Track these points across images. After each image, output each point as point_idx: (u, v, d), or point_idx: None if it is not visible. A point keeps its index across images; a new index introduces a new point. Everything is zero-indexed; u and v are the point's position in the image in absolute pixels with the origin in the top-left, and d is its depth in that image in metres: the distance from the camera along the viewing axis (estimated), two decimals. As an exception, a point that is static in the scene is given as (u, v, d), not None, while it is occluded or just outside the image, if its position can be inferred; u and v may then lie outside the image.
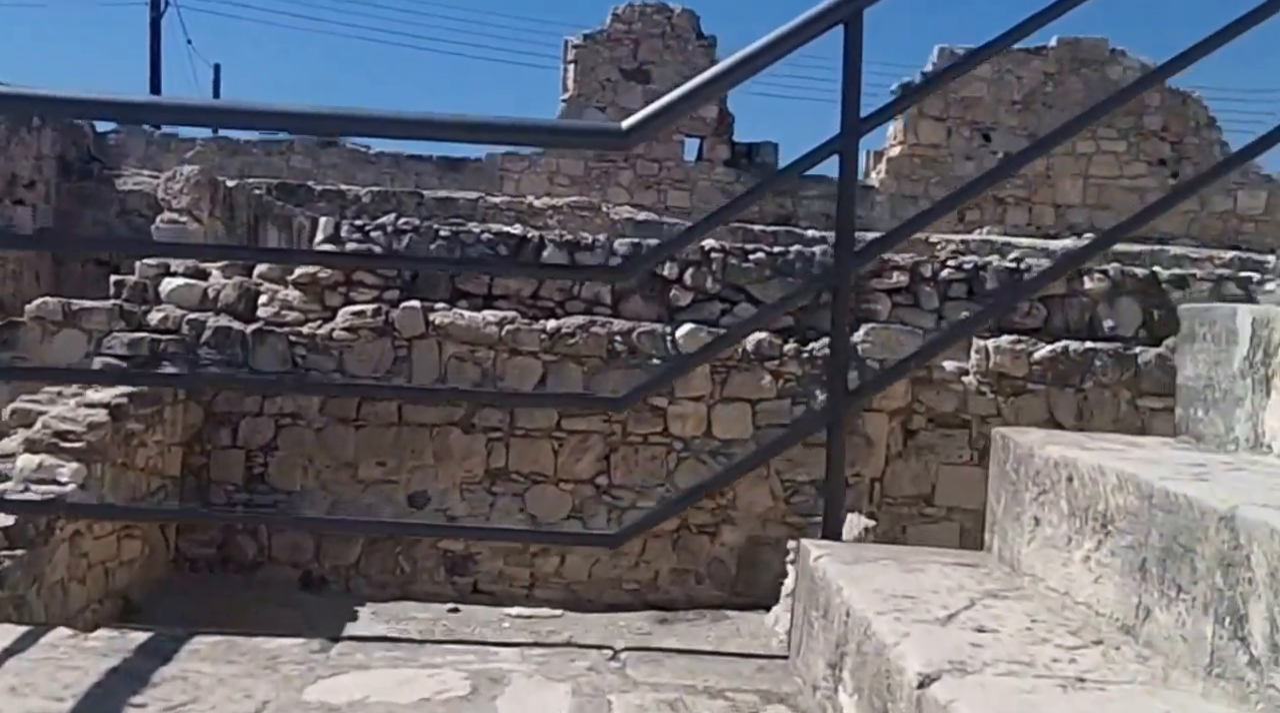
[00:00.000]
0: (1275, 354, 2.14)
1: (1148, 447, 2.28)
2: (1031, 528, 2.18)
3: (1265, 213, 22.51)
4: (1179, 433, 2.51)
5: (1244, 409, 2.24)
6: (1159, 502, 1.69)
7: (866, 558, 2.26)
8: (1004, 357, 10.05)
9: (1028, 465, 2.22)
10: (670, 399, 9.90)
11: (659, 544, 9.94)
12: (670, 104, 2.37)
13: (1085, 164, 21.99)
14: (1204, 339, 2.40)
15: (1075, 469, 2.01)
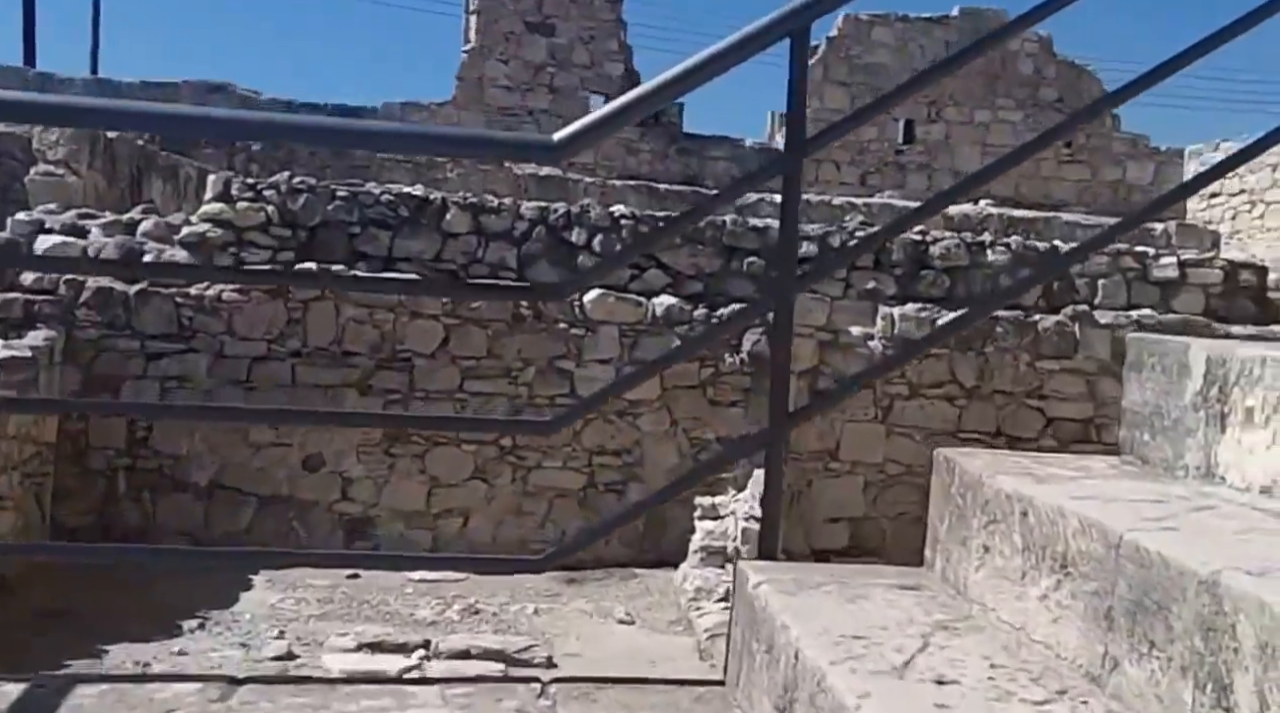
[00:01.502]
0: (1230, 392, 2.11)
1: (1098, 474, 2.25)
2: (980, 555, 2.13)
3: (1153, 183, 22.99)
4: (1123, 452, 2.49)
5: (1195, 440, 2.21)
6: (1127, 554, 1.65)
7: (807, 584, 2.20)
8: (909, 323, 10.21)
9: (976, 493, 2.18)
10: (578, 362, 9.82)
11: (565, 504, 9.89)
12: (605, 118, 2.28)
13: (984, 133, 22.28)
14: (1153, 368, 2.38)
15: (1032, 506, 1.96)
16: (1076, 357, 10.60)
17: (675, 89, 2.36)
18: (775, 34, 2.35)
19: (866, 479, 10.25)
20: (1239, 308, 11.35)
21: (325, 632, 7.31)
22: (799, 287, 2.49)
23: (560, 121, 21.07)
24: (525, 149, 2.51)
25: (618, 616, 8.32)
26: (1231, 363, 2.13)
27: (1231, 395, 2.12)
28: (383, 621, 7.72)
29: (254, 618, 7.60)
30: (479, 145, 2.44)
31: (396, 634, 7.22)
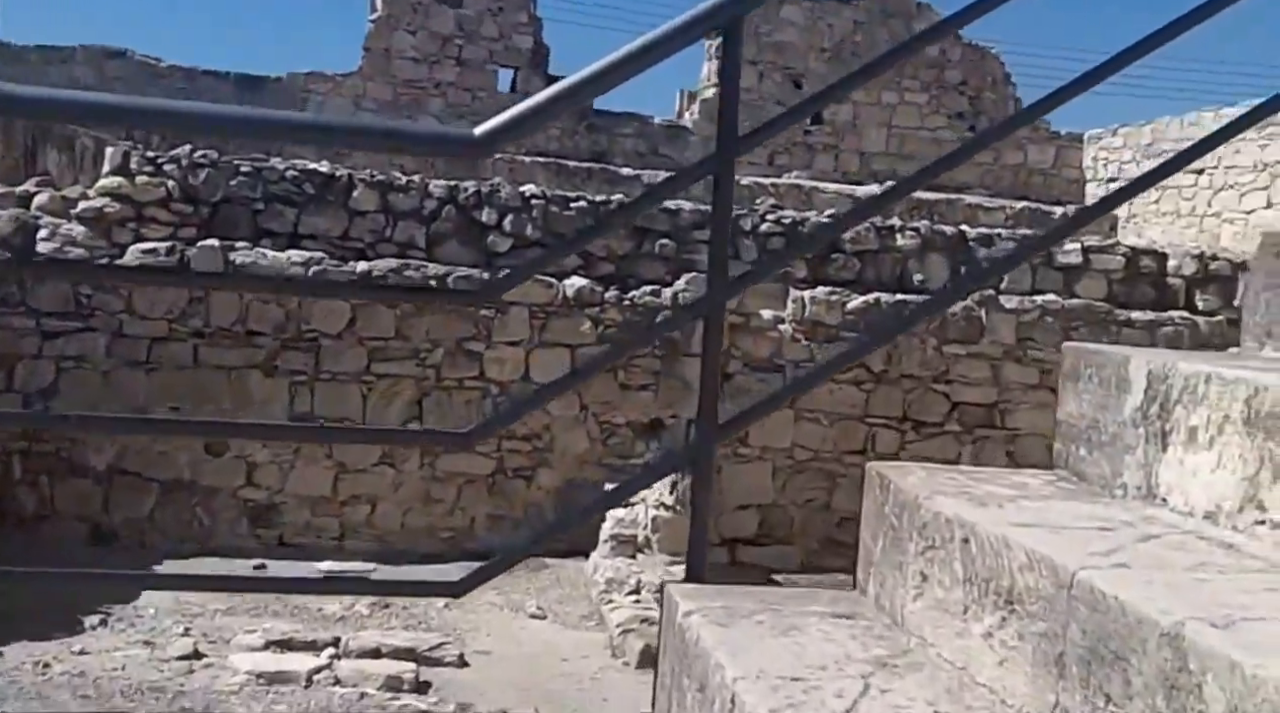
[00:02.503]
0: (1173, 410, 2.08)
1: (1036, 494, 2.20)
2: (918, 583, 2.08)
3: (1053, 167, 23.29)
4: (1057, 466, 2.45)
5: (1135, 457, 2.18)
6: (1080, 595, 1.60)
7: (739, 612, 2.13)
8: (819, 307, 10.24)
9: (912, 515, 2.12)
10: (488, 344, 9.71)
11: (474, 490, 9.79)
12: (528, 113, 2.18)
13: (890, 114, 22.41)
14: (1089, 380, 2.34)
15: (974, 534, 1.91)
16: (982, 341, 10.69)
17: (601, 83, 2.27)
18: (706, 26, 2.27)
19: (775, 465, 10.27)
20: (1139, 294, 11.50)
21: (233, 628, 7.16)
22: (731, 292, 2.42)
23: (469, 95, 20.88)
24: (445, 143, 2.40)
25: (529, 610, 8.24)
26: (1174, 379, 2.09)
27: (1174, 413, 2.08)
28: (291, 616, 7.57)
29: (158, 613, 7.42)
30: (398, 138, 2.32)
31: (305, 631, 7.09)
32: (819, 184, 19.58)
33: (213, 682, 6.45)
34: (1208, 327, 11.12)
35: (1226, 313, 11.36)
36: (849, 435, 10.39)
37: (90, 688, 6.25)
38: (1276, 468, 1.84)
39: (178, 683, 6.39)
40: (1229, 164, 20.68)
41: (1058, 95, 2.54)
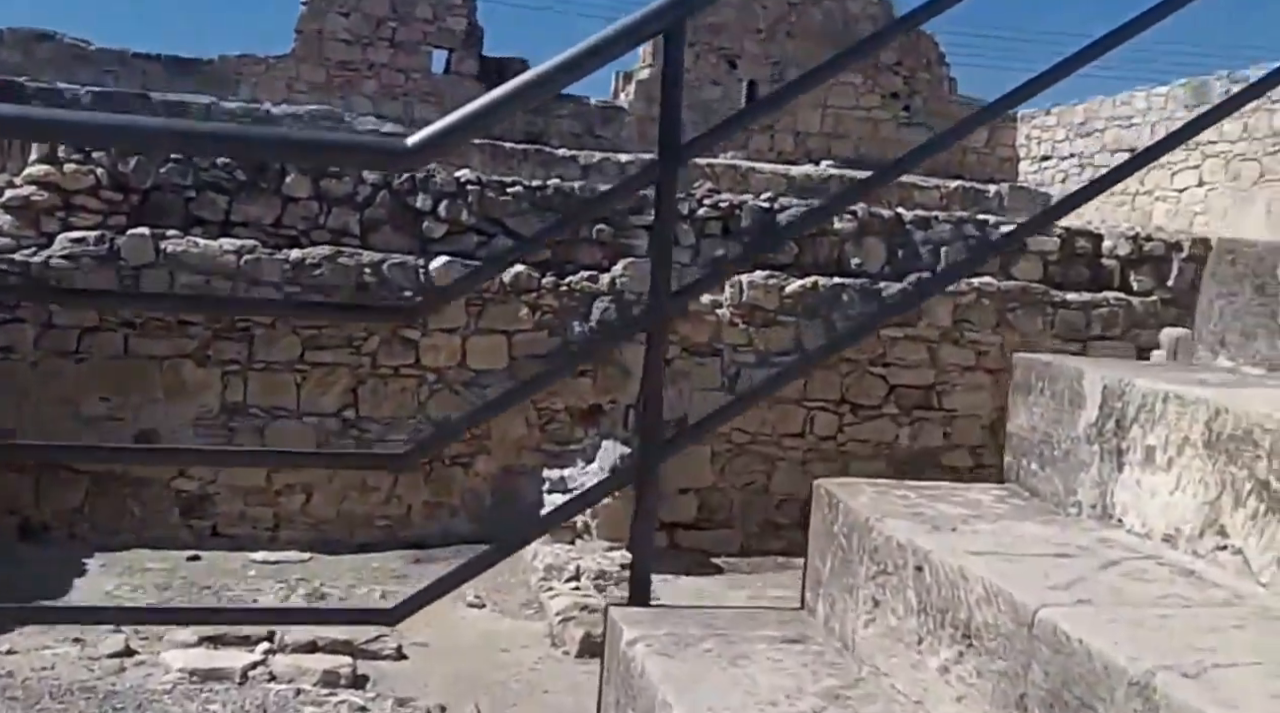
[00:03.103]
0: (1129, 429, 2.03)
1: (989, 513, 2.15)
2: (869, 608, 2.02)
3: (986, 146, 23.41)
4: (1008, 479, 2.40)
5: (1089, 475, 2.13)
6: (1043, 635, 1.55)
7: (685, 640, 2.07)
8: (757, 291, 10.23)
9: (863, 537, 2.07)
10: (423, 331, 9.59)
11: (411, 478, 9.66)
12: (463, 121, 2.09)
13: (825, 94, 22.39)
14: (1041, 393, 2.29)
15: (928, 562, 1.86)
16: (919, 324, 10.71)
17: (541, 89, 2.19)
18: (649, 31, 2.19)
19: (714, 449, 10.25)
20: (1075, 274, 11.55)
21: (164, 622, 7.01)
22: (676, 306, 2.35)
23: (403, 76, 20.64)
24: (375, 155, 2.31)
25: (467, 599, 8.14)
26: (1130, 396, 2.05)
27: (1130, 432, 2.04)
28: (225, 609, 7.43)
29: (88, 609, 7.26)
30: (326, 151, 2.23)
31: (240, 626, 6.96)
32: (755, 164, 19.53)
33: (145, 680, 6.32)
34: (1142, 307, 11.20)
35: (1161, 293, 11.45)
36: (787, 419, 10.37)
37: (18, 689, 6.10)
38: (1240, 494, 1.80)
39: (109, 683, 6.25)
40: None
41: (1028, 87, 2.48)
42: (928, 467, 10.67)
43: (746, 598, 8.73)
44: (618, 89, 22.31)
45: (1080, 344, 10.98)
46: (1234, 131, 18.62)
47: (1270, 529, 1.74)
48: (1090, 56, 2.44)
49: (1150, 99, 21.55)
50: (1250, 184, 18.82)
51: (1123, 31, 2.44)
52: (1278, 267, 2.28)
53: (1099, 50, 2.43)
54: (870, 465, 10.48)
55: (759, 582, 9.31)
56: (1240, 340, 2.36)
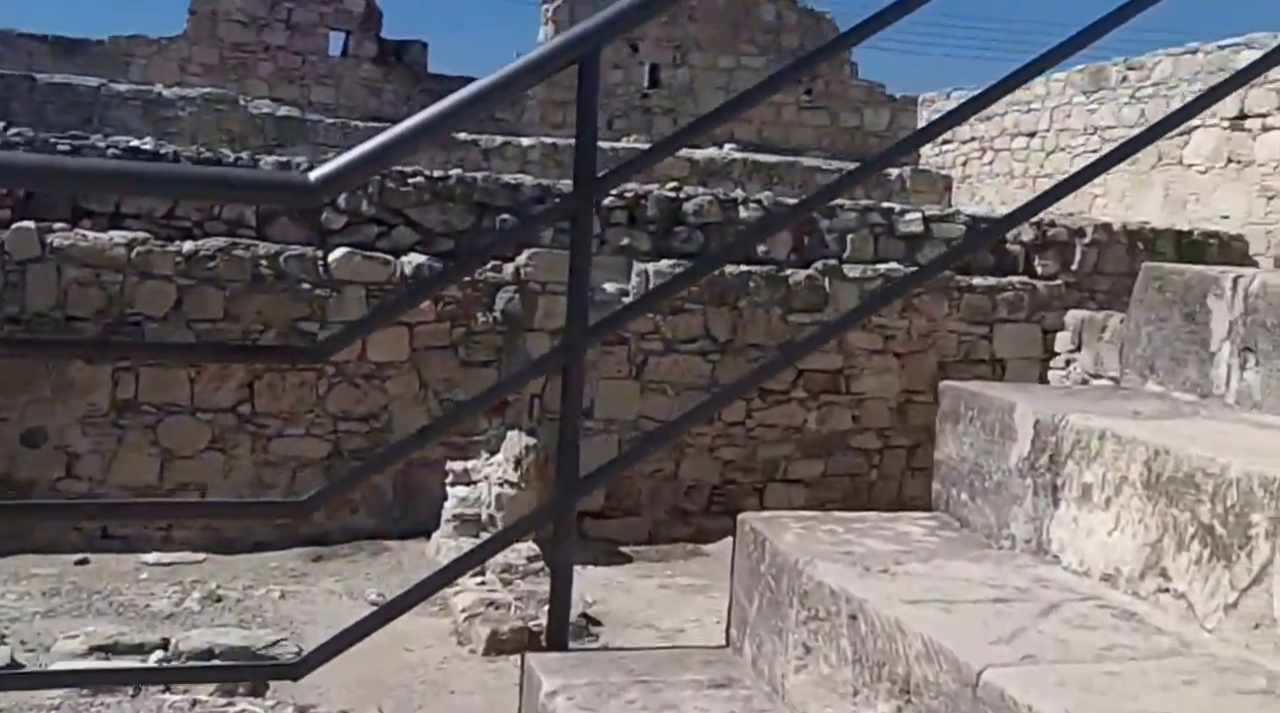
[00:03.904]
0: (1064, 464, 1.95)
1: (920, 548, 2.06)
2: (800, 654, 1.92)
3: (888, 129, 23.57)
4: (937, 507, 2.32)
5: (1023, 509, 2.05)
6: (988, 698, 1.46)
7: (608, 689, 1.95)
8: (663, 280, 10.12)
9: (792, 580, 1.96)
10: (322, 324, 9.37)
11: (309, 473, 9.46)
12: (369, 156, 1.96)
13: (728, 78, 22.38)
14: (970, 422, 2.21)
15: (863, 612, 1.76)
16: (826, 310, 10.70)
17: (449, 121, 2.07)
18: (563, 61, 2.08)
19: (621, 437, 10.16)
20: (980, 260, 11.61)
21: (53, 632, 6.75)
22: (592, 339, 2.23)
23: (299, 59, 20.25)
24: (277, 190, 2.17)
25: (369, 597, 7.97)
26: (1064, 432, 1.97)
27: (1065, 467, 1.96)
28: (116, 615, 7.20)
29: (-31, 620, 6.99)
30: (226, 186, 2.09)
31: (132, 633, 6.73)
32: (660, 148, 19.42)
33: (31, 695, 6.08)
34: (1046, 290, 11.28)
35: (1064, 277, 11.56)
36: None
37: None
38: (1182, 537, 1.72)
39: (-8, 698, 6.01)
40: (1060, 127, 21.10)
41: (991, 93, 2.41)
42: (836, 450, 10.68)
43: (656, 586, 8.66)
44: (519, 71, 22.09)
45: (986, 327, 11.06)
46: (1131, 116, 18.88)
47: (1216, 575, 1.67)
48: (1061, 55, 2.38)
49: (1049, 84, 21.76)
50: (1149, 168, 19.08)
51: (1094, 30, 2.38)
52: (1207, 295, 2.22)
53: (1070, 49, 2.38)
54: (779, 450, 10.47)
55: (668, 570, 9.25)
56: (1170, 366, 2.30)
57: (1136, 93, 18.81)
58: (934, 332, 10.87)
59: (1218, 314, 2.21)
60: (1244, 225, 15.88)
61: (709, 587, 8.68)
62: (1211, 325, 2.22)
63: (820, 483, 10.62)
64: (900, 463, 10.86)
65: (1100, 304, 11.25)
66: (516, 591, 7.94)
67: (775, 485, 10.53)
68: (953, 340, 10.90)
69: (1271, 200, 16.65)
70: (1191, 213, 16.51)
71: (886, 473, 10.83)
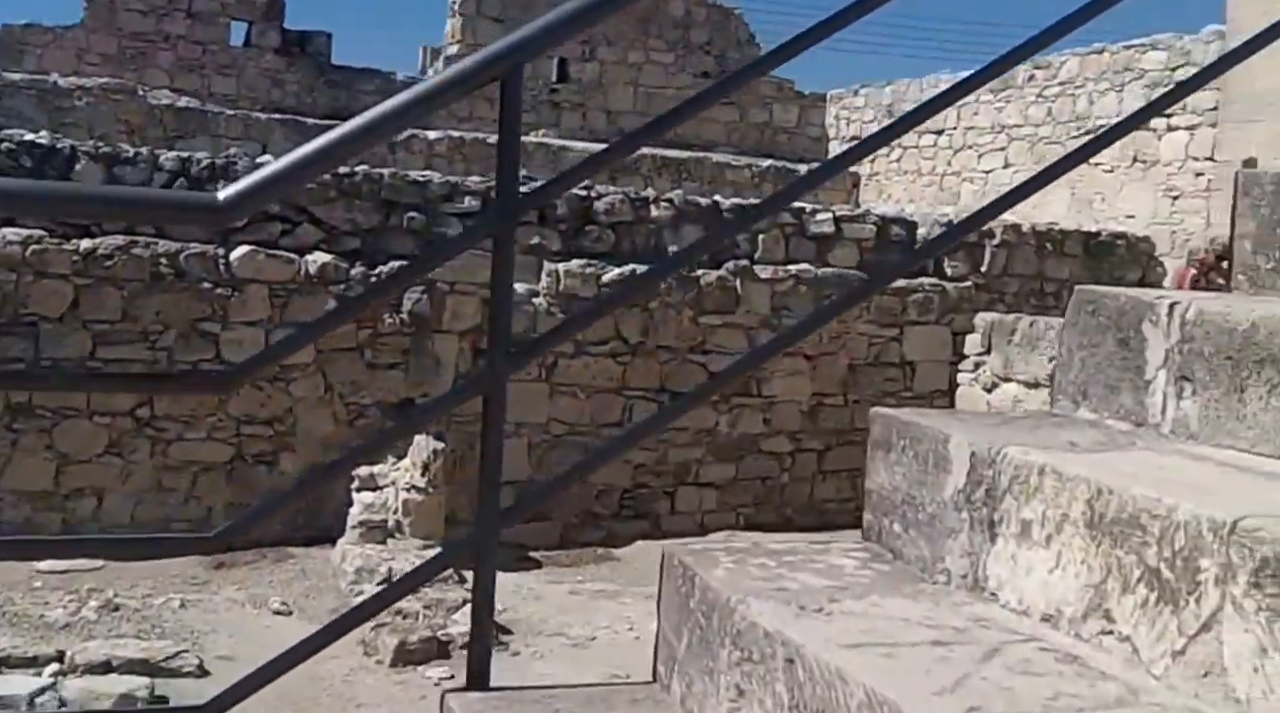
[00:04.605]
0: (1001, 499, 1.89)
1: (852, 583, 1.98)
2: (734, 697, 1.84)
3: (797, 126, 23.64)
4: (869, 537, 2.25)
5: (959, 543, 1.99)
6: (938, 764, 1.39)
7: (532, 732, 1.87)
8: (574, 279, 10.06)
9: (725, 619, 1.88)
10: (224, 325, 9.16)
11: (211, 478, 9.26)
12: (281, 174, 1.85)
13: (636, 73, 22.32)
14: (902, 451, 2.14)
15: (800, 657, 1.68)
16: (738, 311, 10.67)
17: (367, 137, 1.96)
18: (486, 77, 1.98)
19: (531, 440, 10.07)
20: (891, 261, 11.63)
21: (-60, 647, 6.52)
22: (513, 367, 2.13)
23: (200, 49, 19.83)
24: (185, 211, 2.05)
25: (273, 606, 7.80)
26: (1002, 466, 1.90)
27: (1003, 502, 1.90)
28: (9, 626, 6.96)
29: None
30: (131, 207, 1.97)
31: (25, 645, 6.51)
32: (567, 143, 19.33)
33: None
34: (956, 292, 11.34)
35: (974, 278, 11.62)
36: (606, 408, 10.24)
37: None
38: (1127, 580, 1.67)
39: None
40: (968, 125, 21.29)
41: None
42: (748, 453, 10.65)
43: (567, 592, 8.56)
44: (425, 65, 21.86)
45: (896, 329, 11.10)
46: (1039, 115, 19.09)
47: (1163, 620, 1.61)
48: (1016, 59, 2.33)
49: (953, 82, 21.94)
50: (1055, 167, 19.29)
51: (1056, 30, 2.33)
52: (1143, 321, 2.17)
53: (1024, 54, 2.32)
54: (690, 453, 10.42)
55: (579, 575, 9.15)
56: (1104, 393, 2.25)
57: (1044, 91, 19.01)
58: (844, 334, 10.89)
59: (1153, 341, 2.16)
60: (1149, 225, 16.11)
61: (620, 593, 8.60)
62: (1147, 353, 2.17)
63: (731, 486, 10.59)
64: (811, 466, 10.86)
65: (1009, 306, 11.33)
66: (425, 599, 7.80)
67: (686, 489, 10.48)
68: (863, 343, 10.93)
69: (1176, 200, 16.92)
70: (1098, 212, 16.72)
71: (798, 476, 10.83)
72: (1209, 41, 16.66)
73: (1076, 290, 2.33)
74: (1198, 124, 16.95)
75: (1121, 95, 18.05)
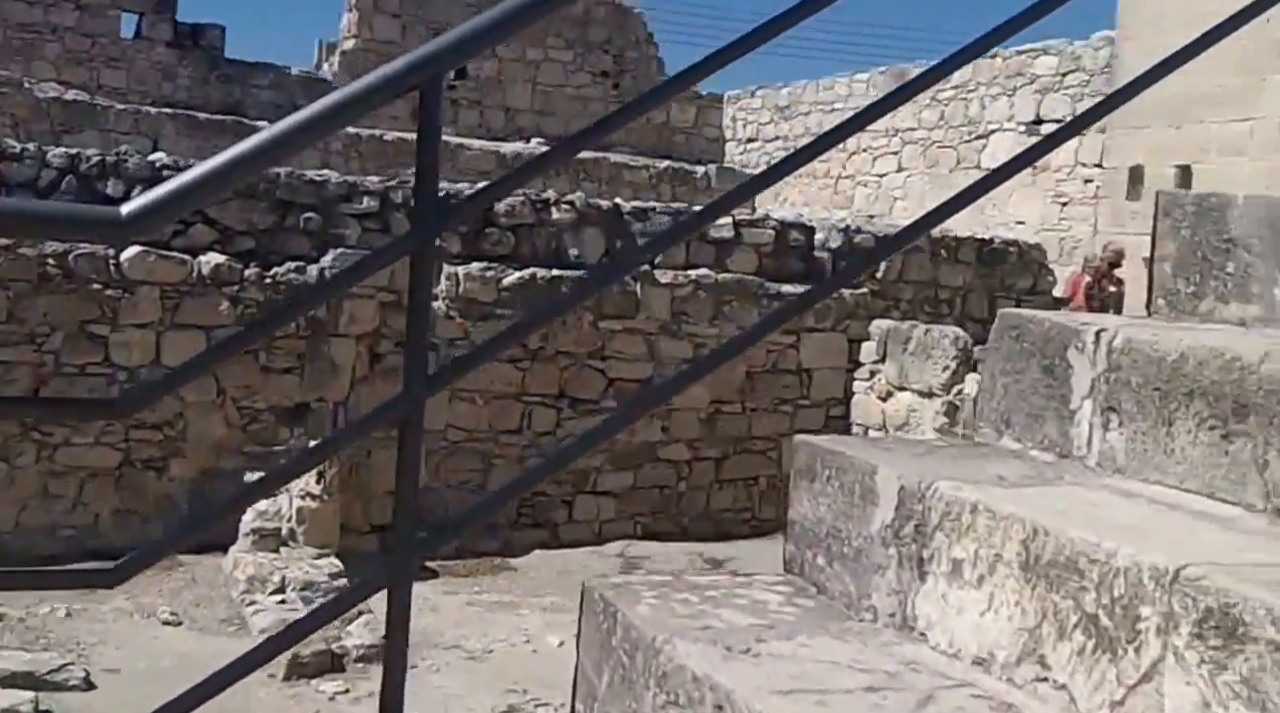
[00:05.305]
0: (932, 536, 1.85)
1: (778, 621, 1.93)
2: (657, 745, 1.78)
3: (694, 126, 23.68)
4: (791, 570, 2.20)
5: (886, 580, 1.94)
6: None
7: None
8: (474, 283, 9.95)
9: (650, 660, 1.82)
10: (113, 327, 8.92)
11: (99, 484, 9.00)
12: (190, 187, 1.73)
13: (535, 71, 22.20)
14: (827, 481, 2.09)
15: (731, 704, 1.62)
16: (638, 316, 10.62)
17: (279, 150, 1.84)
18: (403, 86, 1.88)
19: (428, 447, 9.90)
20: (788, 267, 11.67)
21: None
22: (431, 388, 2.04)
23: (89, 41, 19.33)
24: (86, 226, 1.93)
25: (162, 615, 7.60)
26: (932, 501, 1.86)
27: (934, 540, 1.86)
28: (-115, 640, 6.70)
29: None
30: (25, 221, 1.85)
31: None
32: (465, 141, 19.17)
33: None
34: (853, 298, 11.39)
35: (870, 285, 11.67)
36: (505, 415, 10.13)
37: None
38: (1064, 625, 1.63)
39: None
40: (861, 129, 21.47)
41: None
42: (646, 461, 10.61)
43: (464, 603, 8.45)
44: (321, 59, 21.53)
45: (794, 336, 11.11)
46: (931, 118, 19.28)
47: (1101, 668, 1.58)
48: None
49: (852, 85, 22.16)
50: (948, 170, 19.54)
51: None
52: (1068, 348, 2.14)
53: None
54: (588, 461, 10.34)
55: (475, 586, 9.03)
56: (1028, 422, 2.22)
57: (937, 95, 19.20)
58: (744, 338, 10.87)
59: (1079, 370, 2.13)
60: (1038, 232, 16.35)
61: (517, 604, 8.50)
62: (1072, 381, 2.15)
63: (629, 495, 10.54)
64: (709, 475, 10.85)
65: (904, 313, 11.41)
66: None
67: (584, 497, 10.41)
68: (761, 350, 10.92)
69: (1065, 207, 17.20)
70: (990, 218, 16.91)
71: (695, 485, 10.80)
72: (1099, 48, 16.96)
73: (1000, 314, 2.31)
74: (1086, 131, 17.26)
75: (1013, 100, 18.31)
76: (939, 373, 10.20)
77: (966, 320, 11.80)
